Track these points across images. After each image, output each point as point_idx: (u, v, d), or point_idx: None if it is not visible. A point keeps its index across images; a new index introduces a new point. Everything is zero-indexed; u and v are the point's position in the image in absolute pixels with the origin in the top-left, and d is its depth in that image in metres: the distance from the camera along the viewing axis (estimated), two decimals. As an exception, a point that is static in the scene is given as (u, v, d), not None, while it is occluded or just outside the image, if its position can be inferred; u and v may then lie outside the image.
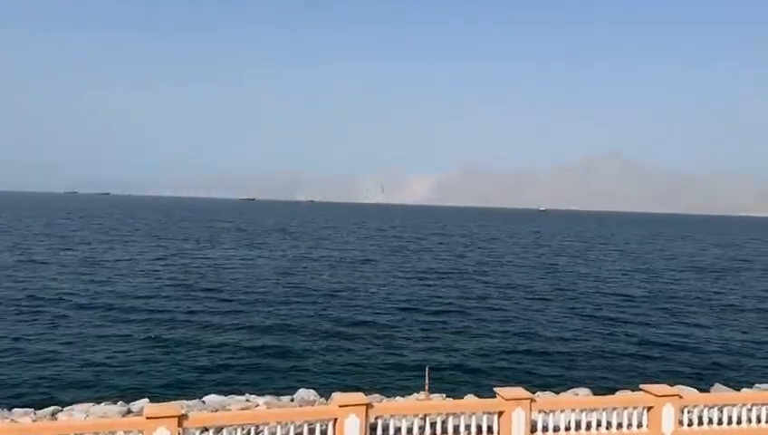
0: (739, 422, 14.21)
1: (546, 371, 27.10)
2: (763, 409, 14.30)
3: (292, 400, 17.04)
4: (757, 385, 20.08)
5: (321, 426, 12.54)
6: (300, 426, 12.79)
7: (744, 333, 37.57)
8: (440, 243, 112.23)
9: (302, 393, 17.39)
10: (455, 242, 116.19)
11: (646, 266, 77.66)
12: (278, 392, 18.63)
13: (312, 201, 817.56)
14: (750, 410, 14.30)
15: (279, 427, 12.15)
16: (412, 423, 13.30)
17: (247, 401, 16.70)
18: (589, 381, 22.38)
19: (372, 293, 47.92)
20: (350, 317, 37.90)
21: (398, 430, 13.31)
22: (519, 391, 13.77)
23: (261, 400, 16.77)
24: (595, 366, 28.56)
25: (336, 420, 12.55)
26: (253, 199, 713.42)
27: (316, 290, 48.06)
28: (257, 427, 12.45)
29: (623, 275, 67.52)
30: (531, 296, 48.94)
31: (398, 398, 16.91)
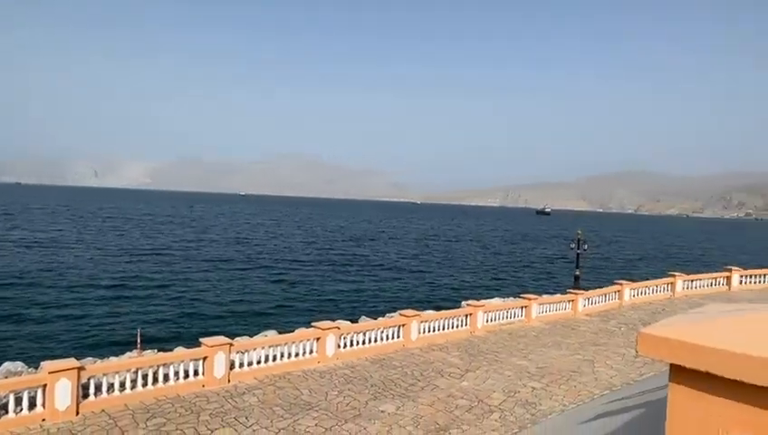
0: (376, 341, 17.53)
1: (241, 327, 28.32)
2: (388, 330, 17.88)
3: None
4: (389, 314, 24.59)
5: (30, 393, 11.39)
6: (5, 397, 11.36)
7: (377, 281, 44.88)
8: (147, 224, 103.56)
9: (8, 366, 15.15)
10: (158, 222, 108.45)
11: (316, 238, 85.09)
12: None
13: (19, 183, 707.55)
14: (382, 332, 17.74)
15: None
16: (125, 378, 12.98)
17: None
18: (277, 326, 24.31)
19: (71, 271, 42.13)
20: (54, 298, 32.99)
21: (111, 386, 12.83)
22: (220, 339, 14.55)
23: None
24: (278, 314, 31.18)
25: (45, 386, 11.53)
26: None
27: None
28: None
29: (300, 244, 72.85)
30: (232, 268, 49.39)
31: (111, 358, 15.98)
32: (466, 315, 19.99)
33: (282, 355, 15.40)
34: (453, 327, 19.43)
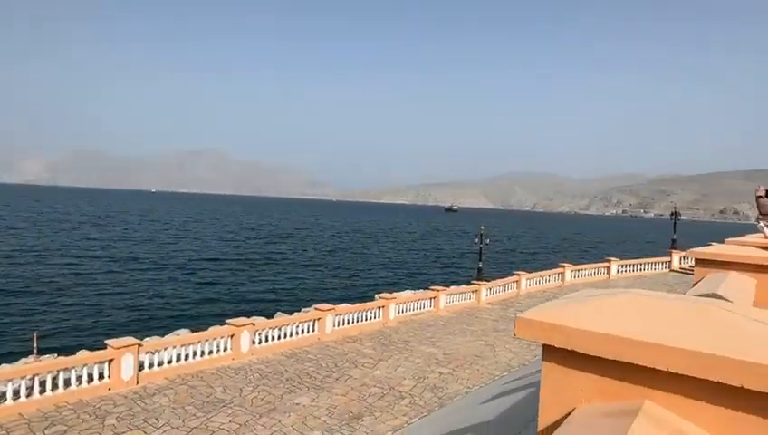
0: (292, 336, 17.27)
1: (154, 330, 26.72)
2: (303, 325, 17.69)
3: None
4: (305, 308, 24.33)
5: None
6: None
7: (294, 277, 44.35)
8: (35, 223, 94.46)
9: None
10: (54, 220, 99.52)
11: (230, 236, 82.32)
12: None
13: None
14: (297, 326, 17.51)
15: None
16: (19, 385, 11.77)
17: None
18: (192, 326, 23.17)
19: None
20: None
21: (2, 394, 11.58)
22: (127, 340, 13.63)
23: None
24: (193, 314, 29.72)
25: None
26: None
27: None
28: None
29: (215, 242, 70.11)
30: (143, 268, 46.43)
31: (4, 365, 14.42)
32: (379, 308, 20.25)
33: (194, 354, 14.73)
34: (366, 319, 19.61)
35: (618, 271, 33.71)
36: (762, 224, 9.36)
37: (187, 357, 14.53)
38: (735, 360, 1.22)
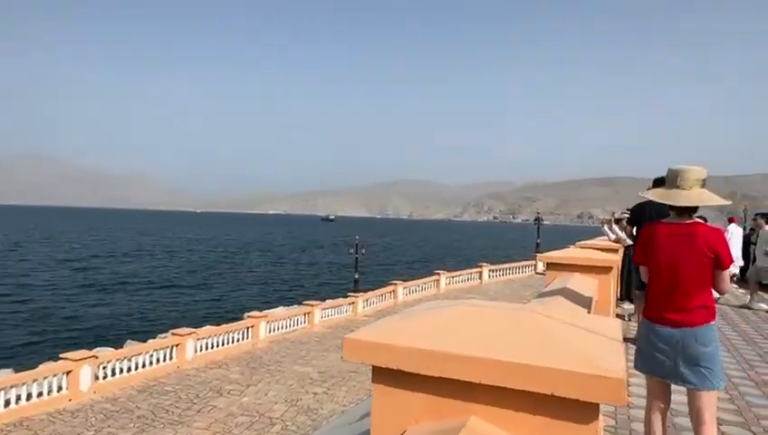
0: (145, 366, 15.88)
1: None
2: (159, 353, 16.39)
3: None
4: (161, 335, 22.57)
5: None
6: None
7: (150, 300, 41.26)
8: None
9: None
10: None
11: (69, 254, 74.26)
12: None
13: None
14: (152, 355, 16.16)
15: None
16: None
17: None
18: (18, 364, 20.27)
19: None
20: None
21: None
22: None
23: None
24: (20, 351, 26.07)
25: None
26: None
27: None
28: None
29: (50, 262, 62.63)
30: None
31: None
32: (248, 328, 19.50)
33: (18, 398, 12.86)
34: (234, 341, 18.75)
35: (489, 276, 36.26)
36: (605, 228, 10.67)
37: (8, 404, 12.63)
38: (545, 368, 1.29)
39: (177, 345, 16.71)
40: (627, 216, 10.98)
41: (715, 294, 4.05)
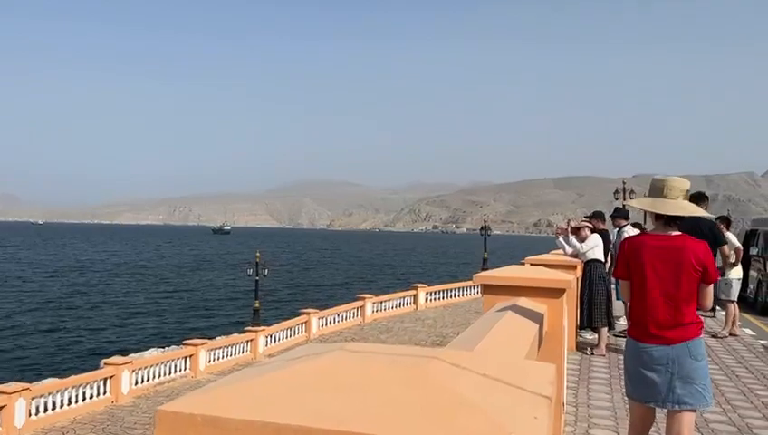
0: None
1: None
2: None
3: None
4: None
5: None
6: None
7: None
8: None
9: None
10: None
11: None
12: None
13: None
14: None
15: None
16: None
17: None
18: None
19: None
20: None
21: None
22: None
23: None
24: None
25: None
26: None
27: None
28: None
29: None
30: None
31: None
32: (105, 379, 18.51)
33: None
34: (84, 399, 17.70)
35: (426, 299, 36.74)
36: (560, 240, 11.02)
37: None
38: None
39: (1, 408, 15.50)
40: (587, 224, 11.39)
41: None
